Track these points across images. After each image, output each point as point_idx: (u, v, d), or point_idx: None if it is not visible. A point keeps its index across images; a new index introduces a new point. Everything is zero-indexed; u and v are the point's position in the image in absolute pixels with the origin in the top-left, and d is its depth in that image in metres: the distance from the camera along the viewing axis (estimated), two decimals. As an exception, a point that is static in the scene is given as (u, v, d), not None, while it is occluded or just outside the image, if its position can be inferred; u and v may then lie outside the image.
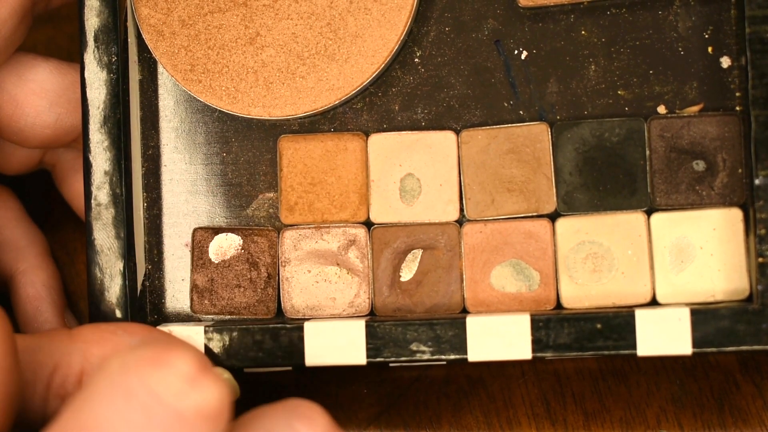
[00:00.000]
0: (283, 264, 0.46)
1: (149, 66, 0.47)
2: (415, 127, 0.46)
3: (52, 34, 0.53)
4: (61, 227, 0.51)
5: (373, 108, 0.46)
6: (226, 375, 0.43)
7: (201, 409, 0.33)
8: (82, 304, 0.50)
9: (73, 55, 0.52)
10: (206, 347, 0.44)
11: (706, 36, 0.44)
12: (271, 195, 0.46)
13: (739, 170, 0.44)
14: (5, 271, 0.49)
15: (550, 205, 0.45)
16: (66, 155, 0.49)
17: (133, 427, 0.33)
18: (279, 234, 0.46)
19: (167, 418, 0.33)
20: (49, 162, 0.50)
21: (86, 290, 0.49)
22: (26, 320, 0.48)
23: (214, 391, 0.33)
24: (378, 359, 0.43)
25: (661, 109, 0.44)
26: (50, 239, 0.50)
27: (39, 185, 0.51)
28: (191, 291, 0.46)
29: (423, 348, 0.43)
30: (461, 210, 0.45)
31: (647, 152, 0.44)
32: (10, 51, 0.46)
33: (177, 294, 0.46)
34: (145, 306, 0.46)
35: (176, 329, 0.44)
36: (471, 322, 0.42)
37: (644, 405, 0.46)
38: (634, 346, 0.42)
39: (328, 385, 0.47)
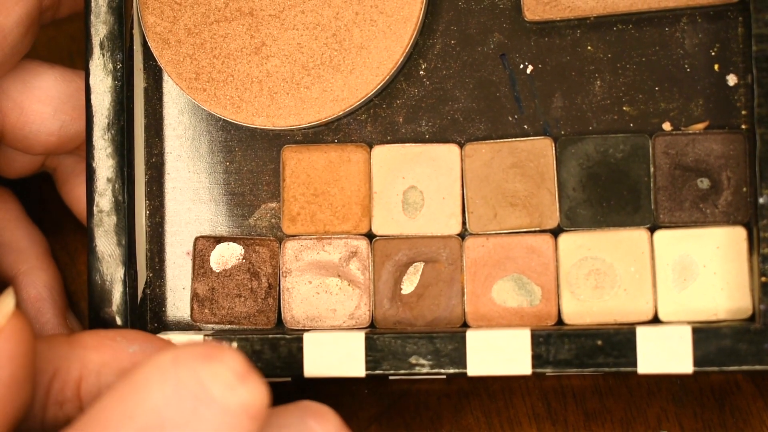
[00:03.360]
0: (284, 274, 0.46)
1: (154, 74, 0.47)
2: (418, 139, 0.45)
3: (53, 35, 0.53)
4: (62, 228, 0.51)
5: (377, 120, 0.46)
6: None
7: (247, 406, 0.34)
8: (83, 305, 0.50)
9: (75, 56, 0.52)
10: (205, 356, 0.44)
11: (713, 53, 0.44)
12: (274, 205, 0.46)
13: (744, 189, 0.43)
14: (6, 273, 0.49)
15: (553, 221, 0.44)
16: (67, 159, 0.49)
17: (180, 416, 0.34)
18: (281, 244, 0.46)
19: (214, 409, 0.34)
20: (50, 166, 0.50)
21: (87, 293, 0.49)
22: (27, 321, 0.48)
23: (259, 390, 0.34)
24: (377, 372, 0.43)
25: (667, 126, 0.44)
26: (51, 240, 0.50)
27: (40, 186, 0.51)
28: (192, 300, 0.46)
29: (422, 361, 0.42)
30: (464, 223, 0.45)
31: (651, 169, 0.44)
32: (16, 59, 0.46)
33: (177, 302, 0.46)
34: (146, 314, 0.46)
35: (176, 337, 0.44)
36: (471, 336, 0.42)
37: (645, 405, 0.46)
38: (634, 364, 0.41)
39: (329, 386, 0.47)
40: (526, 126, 0.45)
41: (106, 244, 0.45)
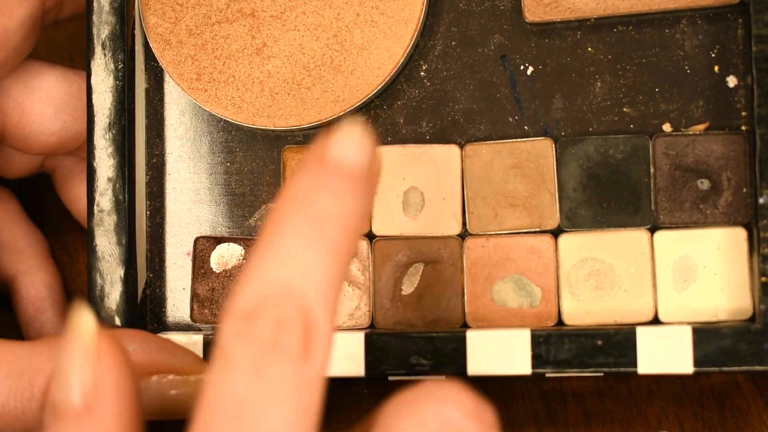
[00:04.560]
0: (285, 275, 0.46)
1: (155, 75, 0.47)
2: (419, 140, 0.46)
3: (52, 34, 0.53)
4: (62, 228, 0.51)
5: (378, 120, 0.46)
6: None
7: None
8: (82, 305, 0.50)
9: (74, 56, 0.52)
10: (205, 356, 0.44)
11: (713, 55, 0.44)
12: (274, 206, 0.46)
13: (744, 189, 0.43)
14: (6, 272, 0.49)
15: (553, 221, 0.45)
16: (66, 160, 0.49)
17: None
18: (281, 245, 0.46)
19: None
20: (49, 166, 0.50)
21: (87, 293, 0.49)
22: (28, 320, 0.48)
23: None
24: (377, 371, 0.42)
25: (667, 127, 0.44)
26: (50, 240, 0.50)
27: (39, 186, 0.51)
28: (192, 300, 0.46)
29: (422, 361, 0.42)
30: (464, 224, 0.45)
31: (652, 170, 0.44)
32: (19, 60, 0.46)
33: (177, 303, 0.46)
34: (146, 314, 0.46)
35: (176, 338, 0.44)
36: (471, 336, 0.42)
37: (645, 405, 0.46)
38: (634, 364, 0.41)
39: (328, 386, 0.47)
40: (526, 127, 0.45)
41: (107, 243, 0.45)
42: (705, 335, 0.41)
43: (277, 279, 0.35)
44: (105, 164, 0.45)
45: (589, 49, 0.45)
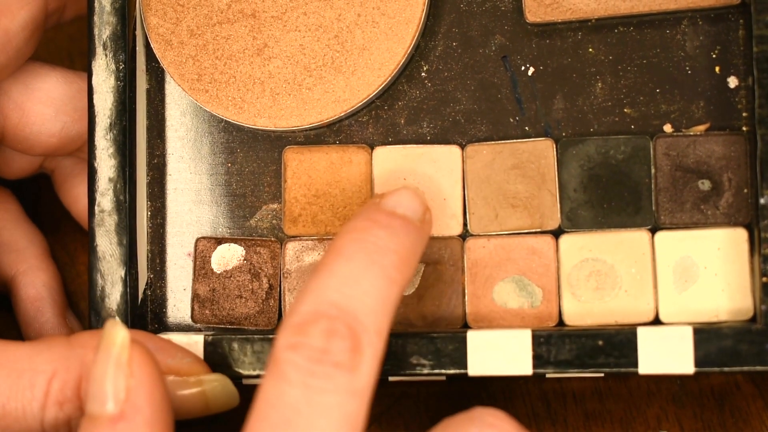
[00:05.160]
0: (285, 275, 0.46)
1: (157, 75, 0.47)
2: (420, 140, 0.46)
3: (52, 35, 0.53)
4: (62, 228, 0.51)
5: (379, 121, 0.46)
6: (225, 380, 0.43)
7: None
8: (83, 305, 0.50)
9: (74, 57, 0.52)
10: (206, 356, 0.44)
11: (714, 56, 0.44)
12: (275, 206, 0.46)
13: (745, 190, 0.43)
14: (6, 273, 0.49)
15: (554, 222, 0.45)
16: (65, 161, 0.49)
17: None
18: (282, 245, 0.46)
19: None
20: (48, 167, 0.50)
21: (87, 292, 0.49)
22: (27, 321, 0.48)
23: None
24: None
25: (667, 128, 0.44)
26: (51, 240, 0.50)
27: (39, 186, 0.51)
28: (192, 300, 0.46)
29: (423, 361, 0.42)
30: (465, 225, 0.45)
31: (652, 170, 0.44)
32: (20, 63, 0.46)
33: (178, 303, 0.46)
34: (146, 314, 0.46)
35: (177, 338, 0.44)
36: (472, 336, 0.42)
37: (645, 405, 0.46)
38: (635, 364, 0.41)
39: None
40: (527, 127, 0.45)
41: (107, 243, 0.45)
42: (706, 336, 0.41)
43: (331, 297, 0.38)
44: (106, 164, 0.45)
45: (590, 49, 0.45)
